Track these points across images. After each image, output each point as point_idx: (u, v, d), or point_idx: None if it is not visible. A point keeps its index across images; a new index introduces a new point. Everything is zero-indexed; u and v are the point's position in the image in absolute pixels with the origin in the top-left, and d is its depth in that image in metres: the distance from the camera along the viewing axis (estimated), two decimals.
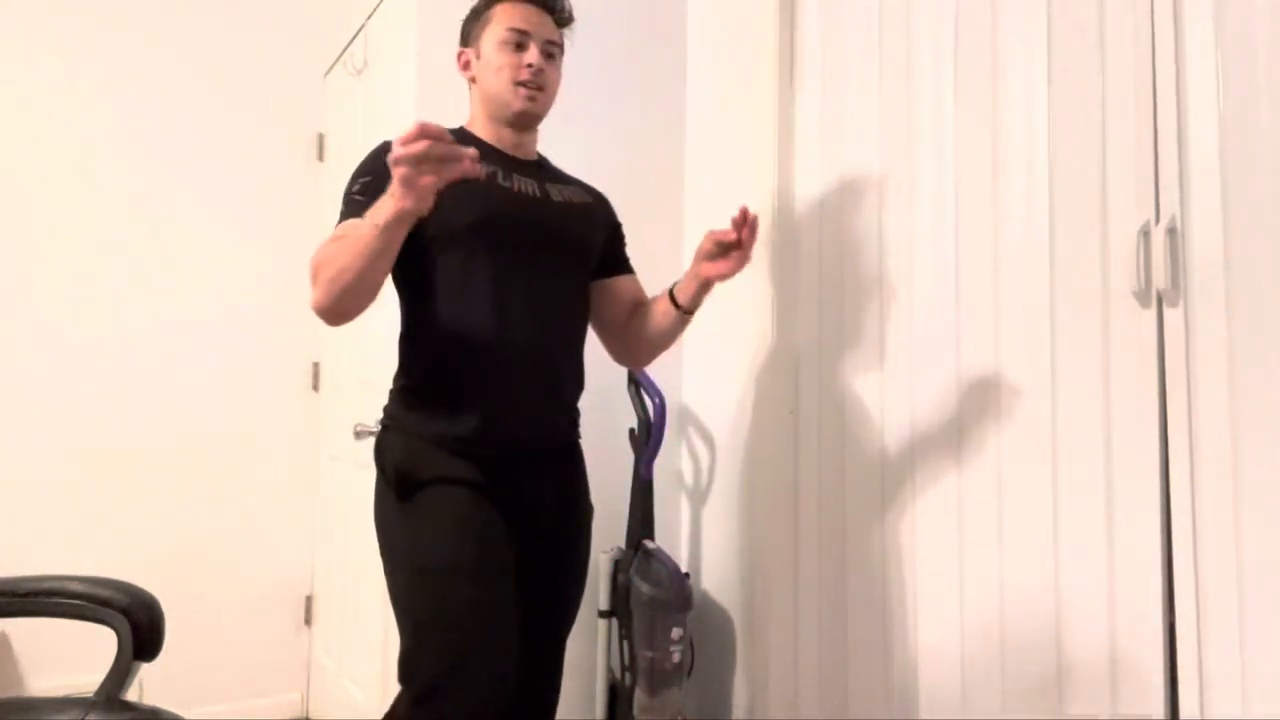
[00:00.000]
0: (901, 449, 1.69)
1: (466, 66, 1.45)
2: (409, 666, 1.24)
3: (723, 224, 1.35)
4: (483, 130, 1.44)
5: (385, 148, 1.19)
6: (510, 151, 1.43)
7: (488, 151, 1.36)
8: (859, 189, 1.82)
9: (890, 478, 1.72)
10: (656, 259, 1.93)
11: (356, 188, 1.29)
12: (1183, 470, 1.25)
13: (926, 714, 1.61)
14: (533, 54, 1.38)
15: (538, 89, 1.39)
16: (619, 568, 1.96)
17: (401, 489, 1.30)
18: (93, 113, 2.41)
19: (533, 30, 1.39)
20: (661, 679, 1.85)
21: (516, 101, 1.39)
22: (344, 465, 2.41)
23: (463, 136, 1.38)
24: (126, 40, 2.46)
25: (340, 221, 1.29)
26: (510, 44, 1.38)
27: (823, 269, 1.90)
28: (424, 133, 1.04)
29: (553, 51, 1.43)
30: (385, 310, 2.14)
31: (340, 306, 1.23)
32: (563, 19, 1.46)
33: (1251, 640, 1.16)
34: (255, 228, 2.62)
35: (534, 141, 1.49)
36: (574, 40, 1.51)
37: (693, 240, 2.29)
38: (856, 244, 1.82)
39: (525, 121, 1.43)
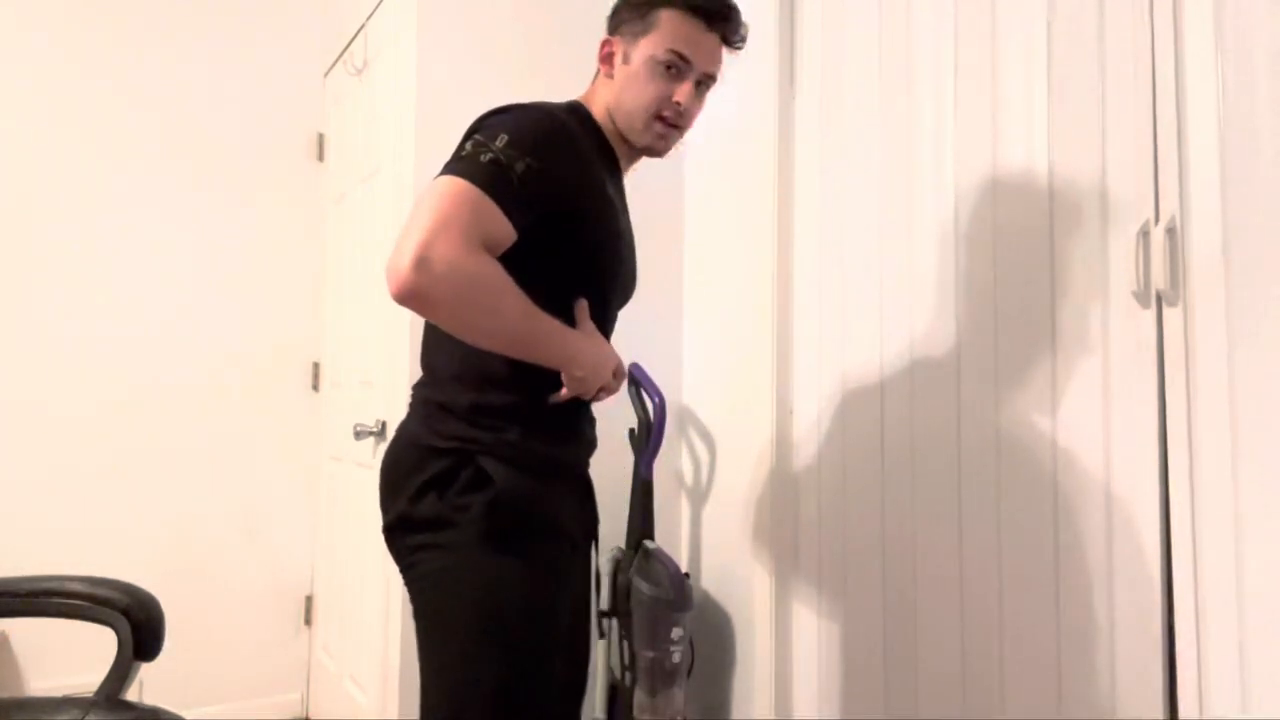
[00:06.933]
0: (901, 448, 1.69)
1: (608, 60, 1.23)
2: None
3: (722, 227, 1.34)
4: (605, 125, 1.25)
5: (556, 126, 1.11)
6: (620, 159, 1.28)
7: (606, 153, 1.24)
8: (859, 189, 1.83)
9: (890, 477, 1.72)
10: (655, 261, 1.93)
11: (521, 168, 1.03)
12: (1182, 470, 1.25)
13: (926, 714, 1.61)
14: (685, 90, 1.19)
15: (674, 129, 1.22)
16: (619, 568, 1.96)
17: (507, 531, 1.08)
18: (92, 113, 2.41)
19: (695, 59, 1.19)
20: (661, 679, 1.85)
21: (646, 136, 1.22)
22: (344, 465, 2.41)
23: (584, 121, 1.22)
24: (126, 40, 2.46)
25: (470, 181, 1.00)
26: (666, 67, 1.18)
27: (822, 268, 1.90)
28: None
29: (707, 85, 1.24)
30: (384, 311, 2.15)
31: (462, 326, 1.03)
32: (736, 43, 1.25)
33: (1251, 640, 1.16)
34: (255, 227, 2.62)
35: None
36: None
37: (693, 242, 2.31)
38: (855, 243, 1.82)
39: (646, 155, 1.27)
